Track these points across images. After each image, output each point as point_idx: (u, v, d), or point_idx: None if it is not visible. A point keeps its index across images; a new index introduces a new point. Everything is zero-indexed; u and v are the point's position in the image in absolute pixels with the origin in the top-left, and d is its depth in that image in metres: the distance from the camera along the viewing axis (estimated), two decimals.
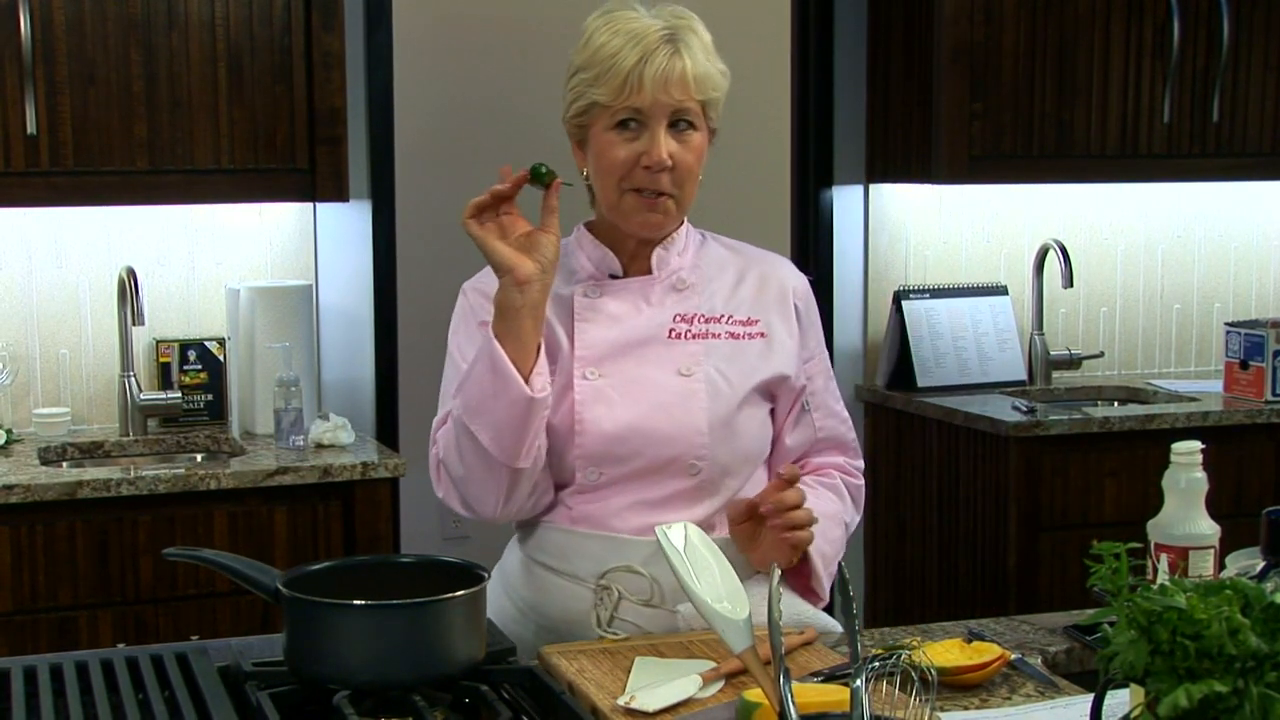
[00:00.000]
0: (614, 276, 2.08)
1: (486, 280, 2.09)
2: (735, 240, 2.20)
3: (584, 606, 1.98)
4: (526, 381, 1.90)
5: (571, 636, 1.97)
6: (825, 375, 2.17)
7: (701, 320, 2.06)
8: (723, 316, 2.08)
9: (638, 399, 2.00)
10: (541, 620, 2.03)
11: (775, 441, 2.13)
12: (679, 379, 2.02)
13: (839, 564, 1.67)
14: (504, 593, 2.09)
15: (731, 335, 2.07)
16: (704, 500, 2.03)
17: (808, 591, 2.05)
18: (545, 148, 2.15)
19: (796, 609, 2.04)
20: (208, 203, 3.48)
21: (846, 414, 2.21)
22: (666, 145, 1.97)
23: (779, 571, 1.74)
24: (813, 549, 1.99)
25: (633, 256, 2.09)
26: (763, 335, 2.09)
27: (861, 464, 2.23)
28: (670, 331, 2.05)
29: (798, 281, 2.17)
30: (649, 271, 2.08)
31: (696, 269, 2.10)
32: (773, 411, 2.11)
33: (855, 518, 2.18)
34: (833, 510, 2.10)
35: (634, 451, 1.99)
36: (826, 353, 2.20)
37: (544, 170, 1.94)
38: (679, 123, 1.99)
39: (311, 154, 3.39)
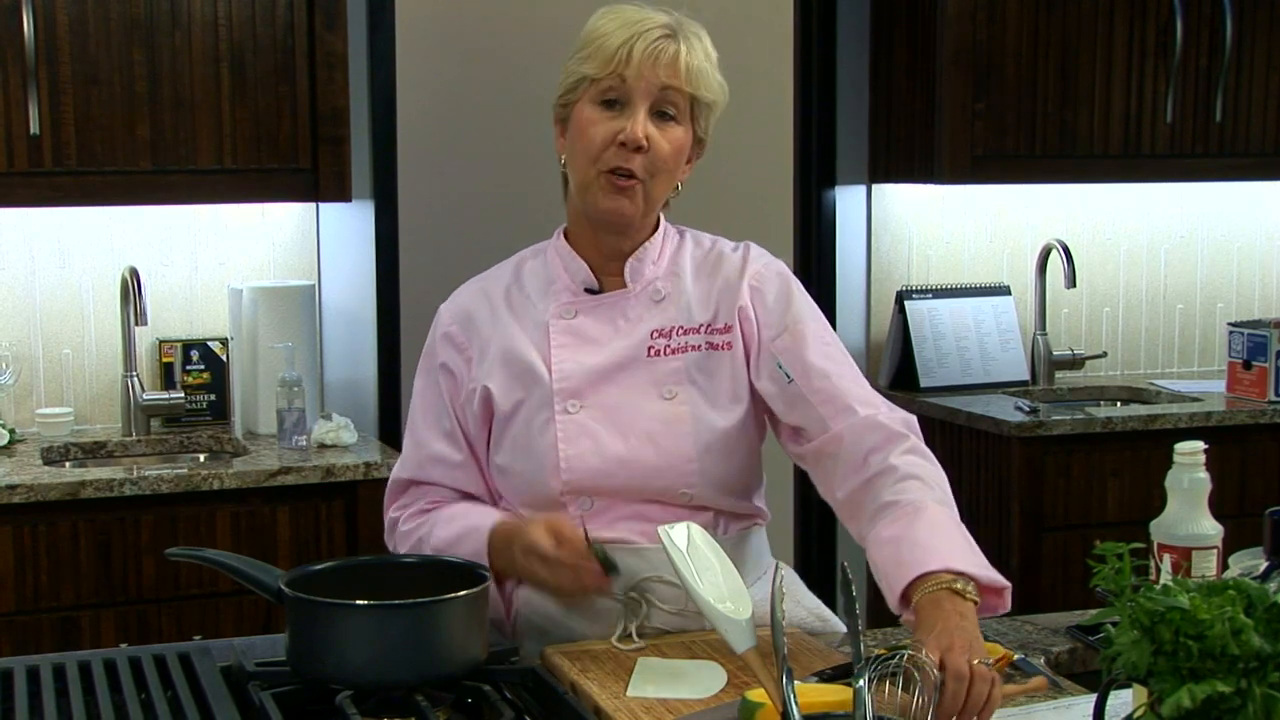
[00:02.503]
0: (589, 290, 2.03)
1: (458, 305, 2.08)
2: (714, 236, 2.12)
3: (613, 618, 1.95)
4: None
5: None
6: (814, 342, 2.00)
7: (680, 333, 2.00)
8: (700, 326, 2.01)
9: (623, 430, 1.96)
10: (567, 635, 1.98)
11: (779, 426, 2.02)
12: (662, 404, 1.97)
13: (842, 565, 1.66)
14: (514, 608, 2.03)
15: (710, 345, 2.00)
16: (701, 516, 1.97)
17: (989, 595, 1.80)
18: (547, 147, 2.14)
19: (800, 615, 2.03)
20: (210, 203, 3.49)
21: (872, 397, 1.97)
22: (645, 127, 1.93)
23: (782, 571, 1.74)
24: (960, 565, 1.76)
25: (607, 266, 2.03)
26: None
27: (905, 414, 1.97)
28: (649, 349, 1.99)
29: (762, 265, 2.05)
30: (623, 284, 2.03)
31: (672, 277, 2.04)
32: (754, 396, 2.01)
33: (938, 476, 1.92)
34: (929, 512, 1.84)
35: (622, 485, 1.96)
36: (823, 324, 2.06)
37: (608, 559, 1.87)
38: (663, 112, 1.95)
39: (314, 154, 3.39)
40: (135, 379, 3.51)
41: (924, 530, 1.80)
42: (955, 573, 1.73)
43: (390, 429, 3.77)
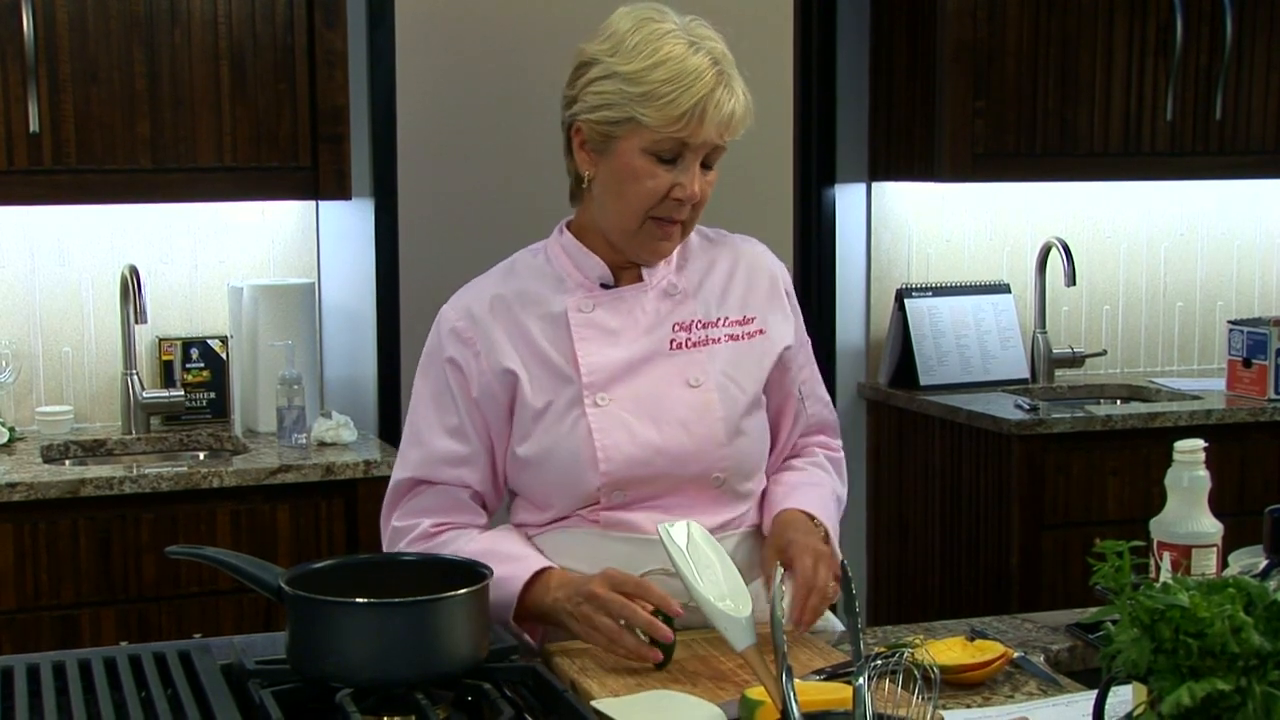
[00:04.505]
0: (605, 285, 2.05)
1: (462, 304, 2.06)
2: (712, 229, 2.16)
3: None
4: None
5: None
6: (811, 362, 2.18)
7: (700, 326, 2.04)
8: (720, 320, 2.06)
9: (655, 419, 1.98)
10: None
11: (772, 435, 2.12)
12: (690, 391, 2.00)
13: (842, 563, 1.67)
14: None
15: (731, 338, 2.05)
16: (727, 506, 2.02)
17: None
18: (547, 145, 2.15)
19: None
20: (210, 200, 3.49)
21: (828, 395, 2.23)
22: (700, 181, 1.95)
23: (781, 570, 1.74)
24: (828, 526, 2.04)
25: (621, 264, 2.05)
26: (761, 332, 2.08)
27: (839, 442, 2.24)
28: (671, 342, 2.02)
29: (779, 269, 2.16)
30: (638, 279, 2.05)
31: (684, 272, 2.07)
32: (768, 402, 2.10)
33: (843, 489, 2.19)
34: (827, 486, 2.13)
35: (659, 472, 1.98)
36: (806, 343, 2.18)
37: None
38: (710, 160, 1.97)
39: (314, 152, 3.39)
40: (135, 377, 3.51)
41: (816, 493, 2.08)
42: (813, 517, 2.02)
43: (390, 427, 3.78)
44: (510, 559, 1.94)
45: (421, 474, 2.04)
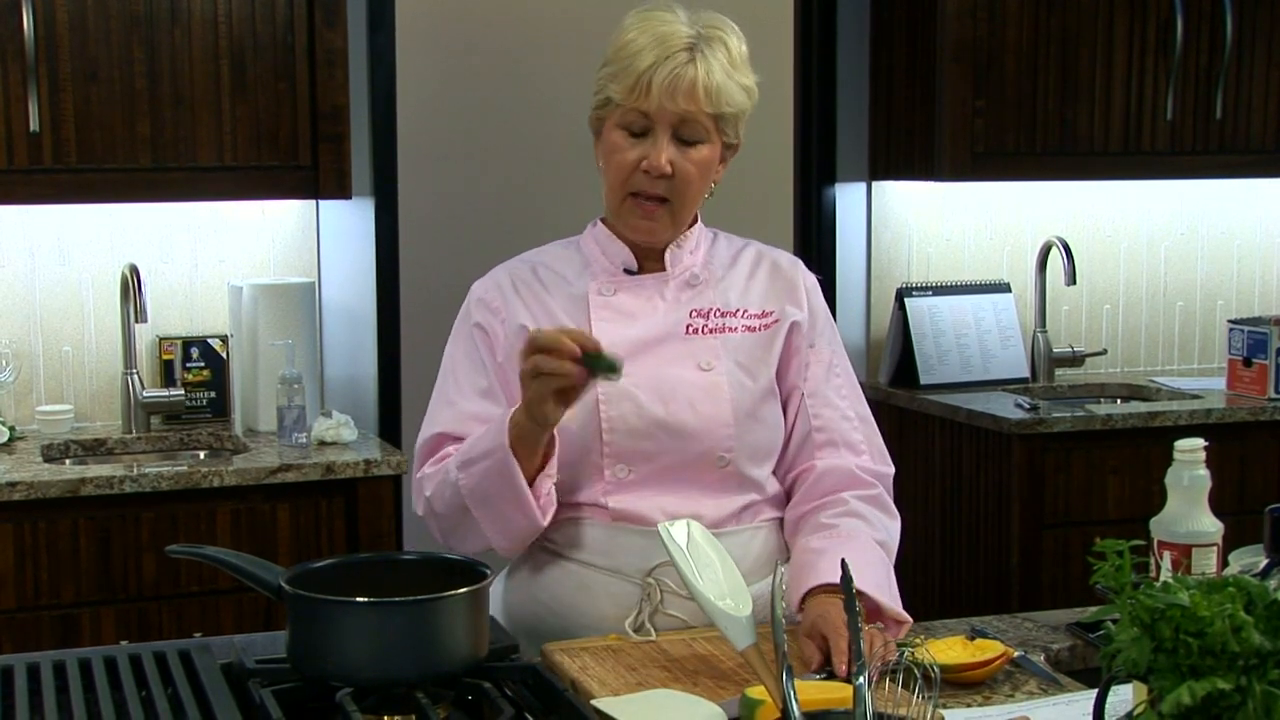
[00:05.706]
0: (629, 272, 2.09)
1: (491, 280, 2.12)
2: (747, 239, 2.20)
3: (630, 603, 1.97)
4: (534, 482, 1.91)
5: (619, 633, 1.96)
6: (827, 369, 2.11)
7: (718, 315, 2.07)
8: (738, 311, 2.08)
9: (663, 396, 2.00)
10: (582, 619, 2.00)
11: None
12: (700, 373, 2.02)
13: (841, 561, 1.67)
14: (531, 595, 2.07)
15: (748, 329, 2.07)
16: (733, 492, 2.03)
17: (891, 624, 1.91)
18: (547, 144, 2.15)
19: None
20: (210, 200, 3.49)
21: (856, 414, 2.11)
22: (667, 153, 1.97)
23: (782, 570, 1.74)
24: (869, 588, 1.86)
25: (647, 253, 2.09)
26: (778, 322, 2.09)
27: (885, 469, 2.09)
28: (687, 327, 2.05)
29: (808, 276, 2.17)
30: (662, 268, 2.09)
31: (709, 265, 2.11)
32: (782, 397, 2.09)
33: (890, 525, 2.05)
34: (861, 538, 1.98)
35: (662, 448, 1.99)
36: (837, 352, 2.13)
37: (605, 363, 1.82)
38: (685, 135, 1.98)
39: (314, 151, 3.39)
40: (135, 376, 3.51)
41: (847, 553, 1.86)
42: (857, 591, 1.72)
43: (390, 426, 3.78)
44: (493, 425, 1.94)
45: (451, 430, 2.06)
